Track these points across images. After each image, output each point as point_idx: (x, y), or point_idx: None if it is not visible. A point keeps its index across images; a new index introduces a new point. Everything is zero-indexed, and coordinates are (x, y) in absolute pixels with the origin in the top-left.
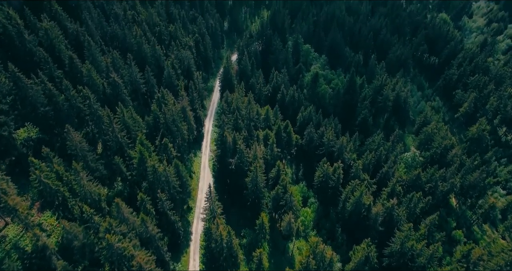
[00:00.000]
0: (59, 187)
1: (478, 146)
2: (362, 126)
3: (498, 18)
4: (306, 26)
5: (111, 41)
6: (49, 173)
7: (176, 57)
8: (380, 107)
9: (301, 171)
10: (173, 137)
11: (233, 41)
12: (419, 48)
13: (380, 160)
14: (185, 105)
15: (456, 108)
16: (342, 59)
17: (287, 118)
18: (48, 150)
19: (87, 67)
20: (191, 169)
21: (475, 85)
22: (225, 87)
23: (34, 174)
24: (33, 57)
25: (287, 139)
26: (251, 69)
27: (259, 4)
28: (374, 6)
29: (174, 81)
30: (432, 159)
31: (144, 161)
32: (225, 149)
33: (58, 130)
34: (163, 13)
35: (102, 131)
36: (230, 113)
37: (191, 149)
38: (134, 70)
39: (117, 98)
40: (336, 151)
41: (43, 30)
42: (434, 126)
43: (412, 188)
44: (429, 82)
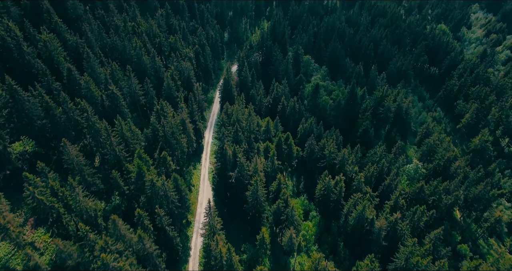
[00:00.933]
0: (53, 203)
1: (481, 157)
2: (364, 138)
3: (497, 29)
4: (306, 37)
5: (110, 53)
6: (44, 188)
7: (176, 68)
8: (381, 118)
9: (302, 183)
10: (172, 150)
11: (233, 52)
12: (420, 59)
13: (382, 172)
14: (184, 117)
15: (457, 119)
16: (343, 70)
17: (288, 130)
18: (43, 164)
19: (85, 79)
20: (190, 181)
21: (476, 96)
22: (225, 98)
23: (28, 190)
24: (31, 69)
25: (288, 151)
26: (251, 80)
27: (259, 15)
28: (373, 17)
29: (173, 93)
30: (435, 170)
31: (142, 175)
32: (225, 162)
33: (55, 144)
34: (163, 24)
35: (100, 144)
36: (230, 125)
37: (191, 161)
38: (133, 82)
39: (116, 111)
40: (338, 163)
41: (42, 42)
42: (436, 137)
43: (415, 200)
44: (430, 92)
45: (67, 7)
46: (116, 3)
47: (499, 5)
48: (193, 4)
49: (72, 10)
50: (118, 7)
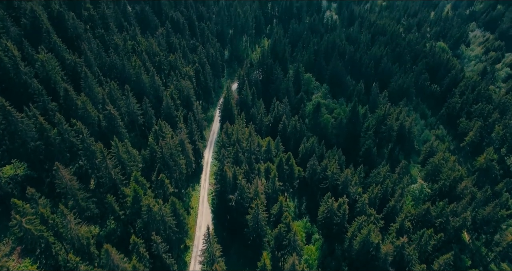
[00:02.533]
0: (42, 232)
1: (487, 177)
2: (366, 157)
3: (495, 47)
4: (307, 55)
5: (109, 72)
6: (32, 216)
7: (175, 87)
8: (384, 137)
9: (304, 205)
10: (170, 172)
11: (233, 69)
12: (420, 77)
13: (386, 193)
14: (183, 138)
15: (461, 137)
16: (344, 88)
17: (289, 149)
18: (33, 190)
19: (82, 100)
20: (189, 204)
21: (479, 114)
22: (225, 117)
23: (15, 219)
24: (28, 89)
25: (289, 171)
26: (251, 98)
27: (259, 33)
28: (373, 35)
29: (172, 112)
30: (441, 191)
31: (139, 200)
32: (225, 184)
33: (48, 166)
34: (163, 43)
35: (95, 167)
36: (230, 145)
37: (189, 183)
38: (131, 101)
39: (113, 131)
40: (341, 184)
41: (40, 62)
42: (440, 157)
43: (421, 223)
44: (432, 110)
45: (68, 26)
46: (116, 22)
47: (495, 24)
48: (193, 23)
49: (72, 29)
50: (119, 26)
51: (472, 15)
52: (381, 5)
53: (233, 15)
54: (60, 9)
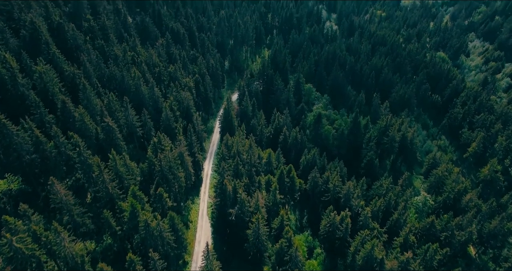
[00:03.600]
0: (34, 250)
1: (492, 188)
2: (368, 169)
3: (495, 57)
4: (307, 66)
5: (108, 83)
6: (24, 234)
7: (175, 98)
8: (386, 148)
9: (305, 218)
10: (169, 185)
11: (234, 80)
12: (421, 87)
13: (389, 206)
14: (182, 150)
15: (463, 148)
16: (345, 98)
17: (290, 161)
18: (26, 206)
19: (79, 112)
20: (188, 217)
21: (482, 124)
22: (225, 129)
23: (5, 238)
24: (25, 101)
25: (290, 184)
26: (252, 109)
27: (259, 44)
28: (373, 45)
29: (172, 124)
30: (445, 203)
31: (136, 215)
32: (224, 198)
33: (44, 180)
34: (163, 53)
35: (92, 181)
36: (231, 158)
37: (189, 195)
38: (130, 113)
39: (111, 144)
40: (343, 197)
41: (38, 74)
42: (444, 168)
43: (426, 236)
44: (433, 120)
45: (67, 38)
46: (116, 33)
47: (494, 34)
48: (193, 33)
49: (72, 41)
50: (119, 37)
51: (471, 26)
52: (380, 15)
53: (234, 25)
54: (60, 20)
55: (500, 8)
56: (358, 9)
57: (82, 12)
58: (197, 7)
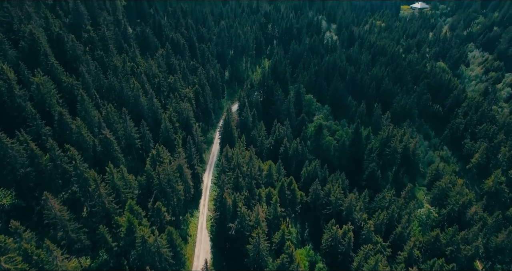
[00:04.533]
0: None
1: (497, 200)
2: (370, 181)
3: (495, 67)
4: (308, 76)
5: (107, 94)
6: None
7: (174, 109)
8: (388, 160)
9: (307, 231)
10: (168, 199)
11: (234, 90)
12: (422, 97)
13: (392, 219)
14: (182, 163)
15: (466, 158)
16: (345, 109)
17: (291, 172)
18: (17, 223)
19: (77, 124)
20: (187, 231)
21: (484, 135)
22: (225, 140)
23: None
24: (21, 112)
25: (291, 196)
26: (252, 120)
27: (260, 54)
28: (374, 55)
29: (171, 135)
30: (449, 216)
31: (133, 231)
32: (224, 211)
33: (38, 193)
34: (163, 64)
35: (88, 195)
36: (230, 170)
37: (188, 209)
38: (128, 125)
39: (108, 156)
40: (345, 210)
41: (35, 85)
42: (447, 180)
43: (430, 251)
44: (435, 130)
45: (67, 49)
46: (116, 44)
47: (493, 44)
48: (194, 44)
49: (71, 51)
50: (119, 48)
51: (470, 36)
52: (380, 26)
53: (234, 36)
54: (60, 31)
55: (498, 19)
56: (358, 20)
57: (82, 23)
58: (198, 18)
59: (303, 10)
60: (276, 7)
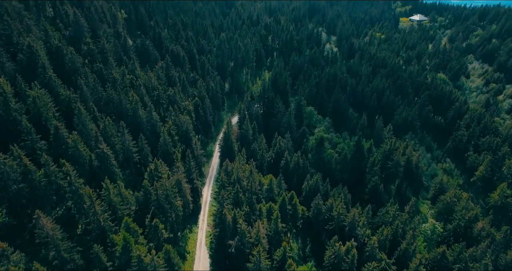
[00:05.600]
0: None
1: (503, 215)
2: (373, 194)
3: (495, 79)
4: (308, 88)
5: (106, 107)
6: None
7: (173, 122)
8: (391, 173)
9: (308, 247)
10: (165, 215)
11: (234, 102)
12: (424, 109)
13: (396, 234)
14: (180, 178)
15: (470, 171)
16: (347, 121)
17: (292, 186)
18: (5, 245)
19: (73, 138)
20: (185, 248)
21: (488, 147)
22: (225, 154)
23: None
24: (17, 126)
25: (293, 211)
26: (252, 133)
27: (260, 66)
28: (374, 67)
29: (170, 149)
30: (455, 232)
31: (129, 250)
32: (224, 228)
33: (31, 210)
34: (163, 76)
35: (83, 212)
36: (230, 185)
37: (186, 224)
38: (126, 138)
39: (105, 171)
40: (348, 226)
41: (31, 98)
42: (452, 194)
43: (437, 268)
44: (437, 142)
45: (65, 61)
46: (116, 56)
47: (492, 56)
48: (194, 56)
49: (70, 64)
50: (118, 60)
51: (469, 48)
52: (380, 37)
53: (234, 48)
54: (59, 44)
55: (496, 31)
56: (358, 32)
57: (82, 35)
58: (198, 30)
59: (303, 22)
60: (276, 19)
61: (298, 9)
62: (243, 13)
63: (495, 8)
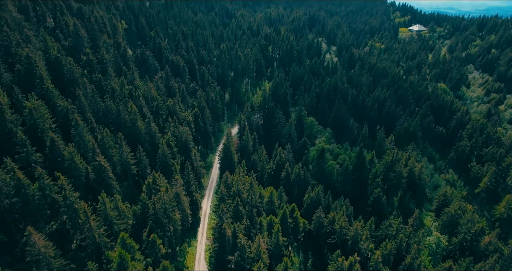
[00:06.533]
0: None
1: (510, 228)
2: (376, 206)
3: (496, 89)
4: (309, 98)
5: (104, 118)
6: None
7: (172, 133)
8: (393, 185)
9: (310, 261)
10: (163, 230)
11: (234, 113)
12: (425, 119)
13: (400, 248)
14: (179, 191)
15: (473, 182)
16: (348, 132)
17: (293, 199)
18: None
19: (69, 151)
20: (184, 263)
21: (491, 158)
22: (225, 165)
23: None
24: (12, 138)
25: (294, 224)
26: (252, 144)
27: (260, 76)
28: (375, 77)
29: (169, 161)
30: (461, 246)
31: (125, 267)
32: (223, 243)
33: (24, 225)
34: (162, 87)
35: (78, 227)
36: (230, 198)
37: (185, 238)
38: (124, 150)
39: (102, 184)
40: (350, 240)
41: (28, 110)
42: (457, 206)
43: None
44: (439, 153)
45: (64, 72)
46: (115, 66)
47: (492, 66)
48: (194, 66)
49: (69, 74)
50: (117, 70)
51: (469, 58)
52: (380, 48)
53: (234, 58)
54: (58, 54)
55: (494, 41)
56: (357, 42)
57: (82, 46)
58: (198, 40)
59: (303, 32)
60: (276, 30)
61: (298, 19)
62: (243, 24)
63: (493, 19)
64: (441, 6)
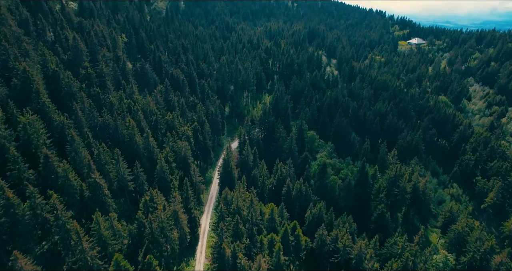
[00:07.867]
0: None
1: None
2: (380, 223)
3: (497, 101)
4: (310, 112)
5: (101, 133)
6: None
7: (171, 149)
8: (397, 200)
9: None
10: (160, 250)
11: (234, 126)
12: (428, 132)
13: (406, 267)
14: (177, 208)
15: (479, 197)
16: (350, 146)
17: (294, 215)
18: None
19: (63, 167)
20: None
21: (496, 172)
22: (224, 181)
23: None
24: (4, 154)
25: (296, 243)
26: (253, 159)
27: (260, 89)
28: (375, 90)
29: (167, 177)
30: (471, 265)
31: None
32: (223, 263)
33: (12, 247)
34: (161, 101)
35: (70, 249)
36: (230, 215)
37: (183, 257)
38: (121, 166)
39: (97, 202)
40: (354, 259)
41: (22, 125)
42: (464, 223)
43: None
44: (443, 167)
45: (61, 86)
46: (114, 80)
47: (492, 79)
48: (194, 80)
49: (66, 88)
50: (116, 84)
51: (468, 71)
52: (380, 61)
53: (234, 71)
54: (56, 68)
55: (493, 54)
56: (357, 55)
57: (81, 59)
58: (198, 54)
59: (303, 45)
60: (276, 43)
61: (298, 33)
62: (243, 37)
63: (490, 32)
64: (438, 20)
